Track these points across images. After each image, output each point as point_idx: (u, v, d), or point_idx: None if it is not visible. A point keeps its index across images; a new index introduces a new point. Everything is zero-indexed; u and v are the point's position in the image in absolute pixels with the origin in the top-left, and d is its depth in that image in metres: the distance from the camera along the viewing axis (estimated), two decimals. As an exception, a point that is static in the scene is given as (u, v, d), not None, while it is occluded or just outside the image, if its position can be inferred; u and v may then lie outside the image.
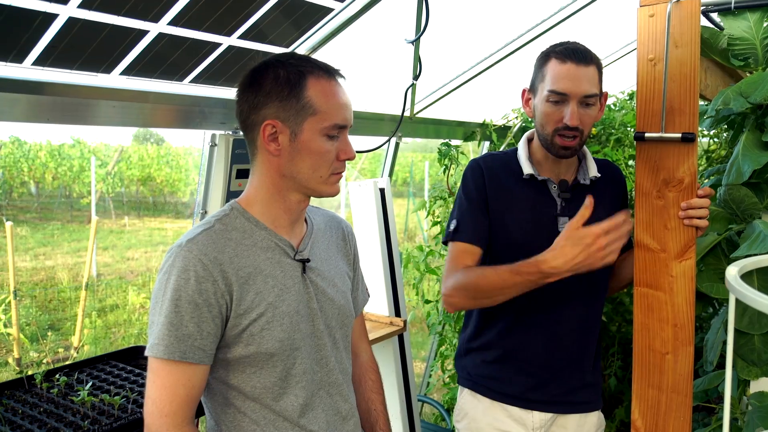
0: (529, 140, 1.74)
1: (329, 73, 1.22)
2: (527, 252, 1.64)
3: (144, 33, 1.56)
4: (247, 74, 1.22)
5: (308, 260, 1.27)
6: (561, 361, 1.71)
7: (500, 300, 1.58)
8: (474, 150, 3.55)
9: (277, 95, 1.17)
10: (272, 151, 1.20)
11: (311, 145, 1.19)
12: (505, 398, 1.74)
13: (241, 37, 1.75)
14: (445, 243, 1.76)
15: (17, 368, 4.86)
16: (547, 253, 1.44)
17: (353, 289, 1.44)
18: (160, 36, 1.59)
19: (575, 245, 1.40)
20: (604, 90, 1.67)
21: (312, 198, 1.29)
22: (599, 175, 1.71)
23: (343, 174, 1.26)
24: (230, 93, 1.95)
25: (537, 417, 1.72)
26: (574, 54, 1.57)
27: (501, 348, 1.73)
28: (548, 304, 1.69)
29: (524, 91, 1.71)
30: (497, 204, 1.69)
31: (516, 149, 1.76)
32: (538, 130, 1.66)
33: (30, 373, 1.67)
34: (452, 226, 1.71)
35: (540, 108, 1.62)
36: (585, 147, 1.74)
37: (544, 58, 1.62)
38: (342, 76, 1.24)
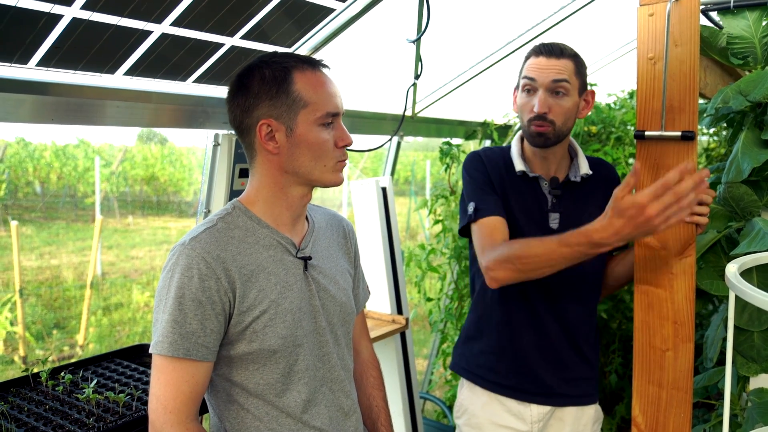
0: (522, 138, 1.80)
1: (313, 64, 1.23)
2: None
3: (147, 34, 1.57)
4: (234, 80, 1.24)
5: (310, 258, 1.29)
6: (555, 354, 1.73)
7: (547, 272, 1.51)
8: (475, 149, 3.56)
9: (267, 94, 1.19)
10: (271, 150, 1.21)
11: (309, 137, 1.20)
12: (501, 389, 1.77)
13: (243, 37, 1.76)
14: (465, 229, 1.73)
15: (23, 366, 4.88)
16: (596, 223, 1.38)
17: (354, 287, 1.45)
18: (163, 36, 1.60)
19: (620, 217, 1.32)
20: (589, 88, 1.74)
21: (314, 196, 1.31)
22: (590, 172, 1.75)
23: (346, 162, 1.27)
24: (233, 93, 1.96)
25: (535, 410, 1.75)
26: (545, 48, 1.67)
27: (497, 340, 1.77)
28: (541, 299, 1.73)
29: (514, 90, 1.79)
30: (498, 191, 1.74)
31: (510, 146, 1.81)
32: (520, 124, 1.74)
33: (35, 370, 1.68)
34: (471, 208, 1.68)
35: (518, 101, 1.72)
36: (577, 145, 1.80)
37: (525, 58, 1.73)
38: (326, 66, 1.26)
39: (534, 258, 1.49)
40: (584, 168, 1.75)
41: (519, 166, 1.74)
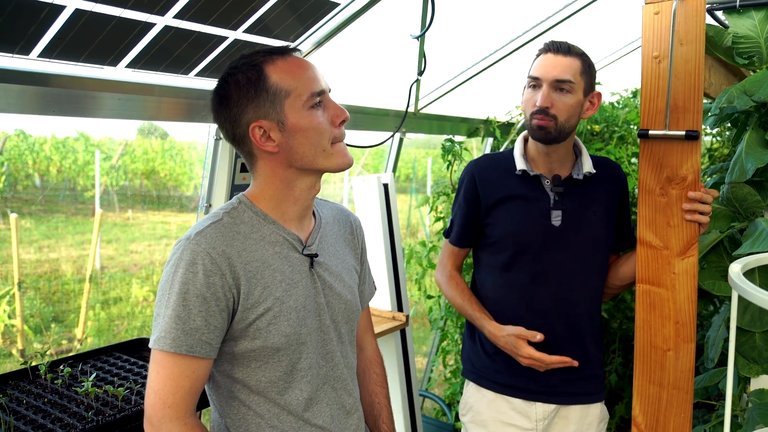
0: (526, 139, 1.81)
1: (282, 52, 1.21)
2: (522, 243, 1.73)
3: (150, 26, 1.56)
4: (213, 97, 1.22)
5: (316, 255, 1.27)
6: (558, 354, 1.72)
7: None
8: (477, 146, 3.55)
9: (247, 98, 1.17)
10: (271, 150, 1.19)
11: (302, 123, 1.18)
12: (506, 390, 1.78)
13: (246, 31, 1.75)
14: (444, 236, 1.97)
15: (21, 359, 4.88)
16: (494, 326, 1.74)
17: (360, 283, 1.44)
18: (166, 29, 1.59)
19: (509, 348, 1.71)
20: (597, 90, 1.75)
21: (317, 194, 1.30)
22: (594, 171, 1.75)
23: (344, 141, 1.24)
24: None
25: (540, 408, 1.75)
26: (553, 46, 1.69)
27: None
28: (541, 299, 1.72)
29: (524, 88, 1.79)
30: (490, 200, 1.77)
31: (513, 148, 1.82)
32: (524, 120, 1.77)
33: (34, 363, 1.67)
34: (448, 224, 1.95)
35: (523, 96, 1.74)
36: (582, 144, 1.80)
37: (535, 55, 1.74)
38: (297, 50, 1.23)
39: (455, 304, 1.88)
40: (587, 166, 1.75)
41: (520, 165, 1.75)
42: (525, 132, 1.80)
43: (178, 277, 1.12)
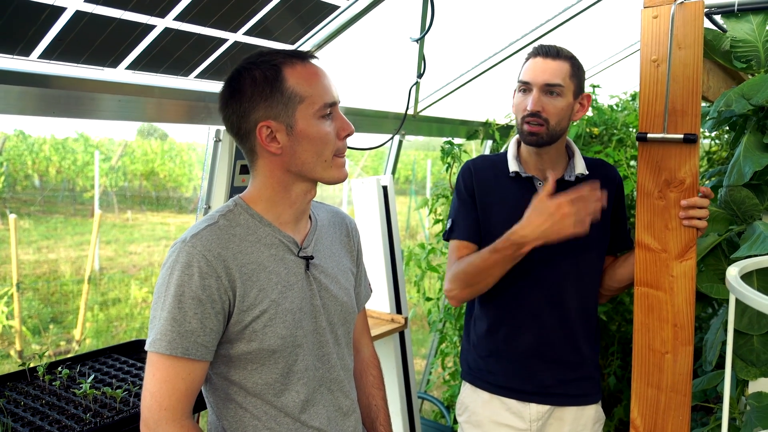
0: (519, 142, 1.81)
1: (302, 57, 1.21)
2: None
3: (150, 28, 1.57)
4: (225, 86, 1.22)
5: (312, 257, 1.28)
6: (554, 355, 1.73)
7: (489, 282, 1.65)
8: (477, 149, 3.55)
9: (261, 96, 1.17)
10: (274, 151, 1.19)
11: (310, 132, 1.18)
12: (501, 390, 1.79)
13: (247, 33, 1.76)
14: (445, 240, 1.86)
15: (19, 360, 4.87)
16: (516, 225, 1.55)
17: (356, 285, 1.44)
18: (167, 31, 1.60)
19: (540, 214, 1.51)
20: (586, 92, 1.76)
21: (313, 198, 1.30)
22: (587, 173, 1.76)
23: (345, 156, 1.24)
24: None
25: (534, 409, 1.76)
26: (542, 50, 1.70)
27: (492, 342, 1.79)
28: (533, 300, 1.73)
29: (514, 92, 1.81)
30: (484, 200, 1.78)
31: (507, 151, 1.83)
32: (515, 124, 1.77)
33: (33, 365, 1.67)
34: (448, 225, 1.84)
35: (513, 101, 1.75)
36: (574, 146, 1.81)
37: (524, 60, 1.75)
38: (315, 57, 1.24)
39: (473, 270, 1.65)
40: (580, 168, 1.76)
41: (513, 167, 1.76)
42: (518, 135, 1.81)
43: (173, 280, 1.12)
